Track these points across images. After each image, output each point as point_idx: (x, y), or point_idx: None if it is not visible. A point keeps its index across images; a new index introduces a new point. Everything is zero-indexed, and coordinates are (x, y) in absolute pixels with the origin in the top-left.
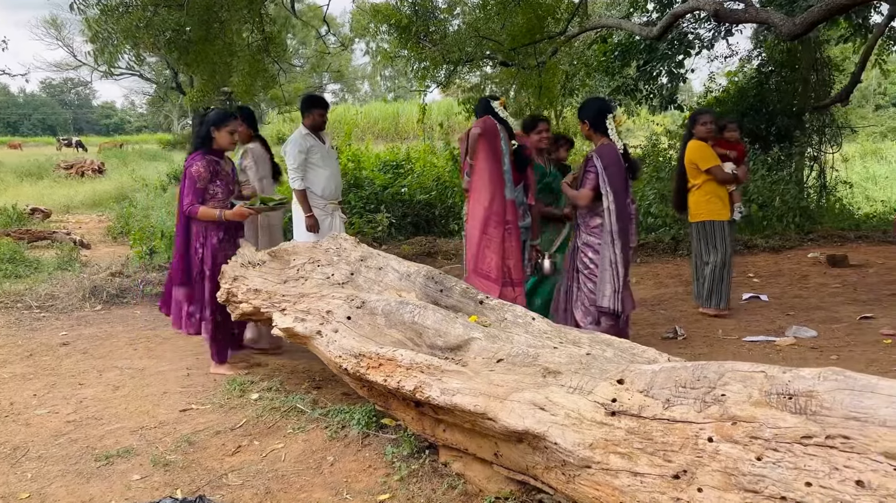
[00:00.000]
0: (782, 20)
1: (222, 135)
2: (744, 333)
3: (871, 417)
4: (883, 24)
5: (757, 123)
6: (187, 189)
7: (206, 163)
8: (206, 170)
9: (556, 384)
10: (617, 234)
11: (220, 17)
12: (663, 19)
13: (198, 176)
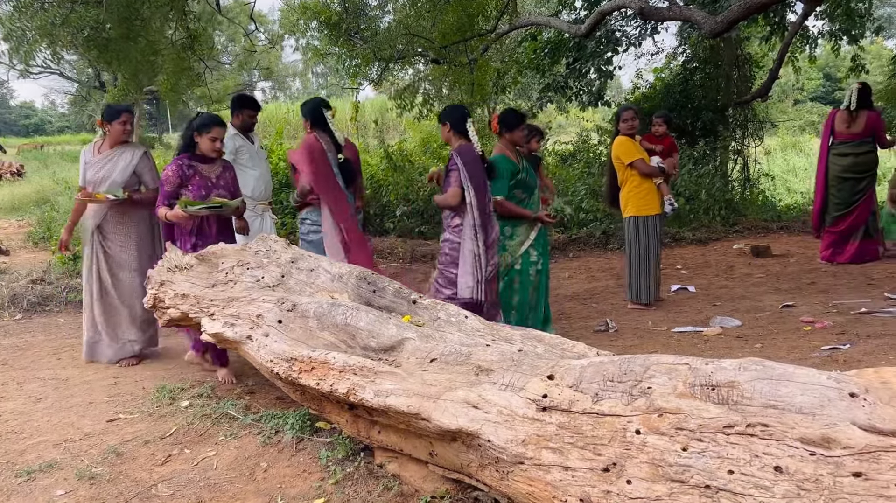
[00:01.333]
0: (704, 18)
1: (203, 140)
2: (672, 324)
3: (788, 405)
4: (797, 23)
5: (683, 119)
6: (160, 191)
7: (177, 167)
8: (175, 174)
9: (488, 382)
10: (479, 228)
11: (141, 14)
12: (591, 17)
13: (165, 179)
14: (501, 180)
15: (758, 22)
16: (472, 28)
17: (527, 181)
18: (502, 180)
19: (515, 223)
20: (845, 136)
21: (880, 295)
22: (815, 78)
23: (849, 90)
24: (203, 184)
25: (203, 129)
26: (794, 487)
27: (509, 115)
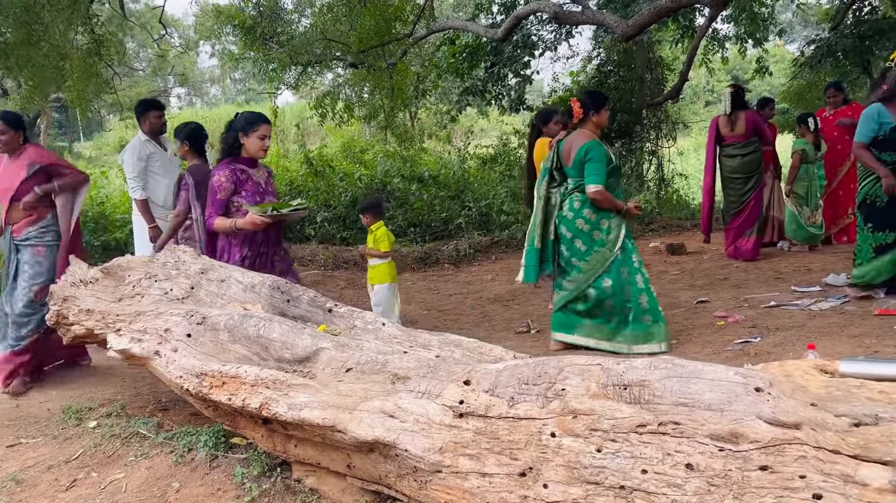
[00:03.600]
0: (617, 22)
1: (251, 141)
2: None
3: (698, 402)
4: (704, 26)
5: None
6: (209, 201)
7: (231, 172)
8: (228, 179)
9: (405, 390)
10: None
11: (42, 19)
12: (507, 21)
13: (218, 186)
14: (599, 167)
15: (668, 26)
16: (389, 32)
17: (618, 168)
18: (600, 167)
19: (611, 216)
20: (731, 138)
21: (787, 288)
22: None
23: (724, 95)
24: (255, 189)
25: (249, 128)
26: (705, 484)
27: (594, 95)
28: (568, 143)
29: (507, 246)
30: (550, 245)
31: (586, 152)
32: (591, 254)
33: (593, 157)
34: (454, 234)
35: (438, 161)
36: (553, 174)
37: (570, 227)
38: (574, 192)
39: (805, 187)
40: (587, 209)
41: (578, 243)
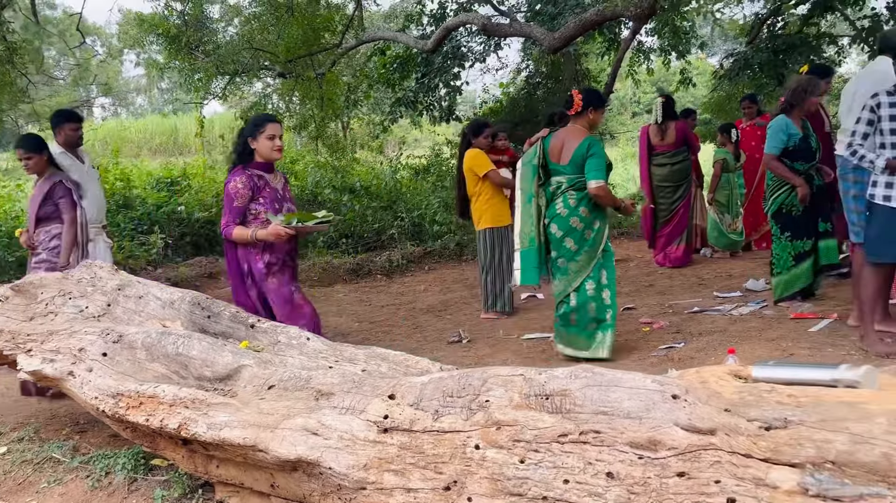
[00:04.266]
0: (543, 34)
1: (261, 142)
2: (523, 332)
3: (617, 410)
4: (628, 39)
5: (529, 132)
6: (224, 208)
7: (248, 178)
8: (245, 186)
9: (328, 406)
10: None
11: None
12: (436, 33)
13: (235, 193)
14: (602, 163)
15: (594, 38)
16: (317, 42)
17: (611, 166)
18: (602, 163)
19: (602, 216)
20: (661, 147)
21: (710, 294)
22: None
23: (655, 105)
24: (273, 196)
25: (256, 131)
26: (625, 492)
27: (596, 93)
28: (559, 139)
29: (440, 256)
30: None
31: (588, 147)
32: (580, 255)
33: (596, 153)
34: (387, 244)
35: (370, 172)
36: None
37: (563, 226)
38: (569, 190)
39: (726, 195)
40: (583, 207)
41: (569, 242)
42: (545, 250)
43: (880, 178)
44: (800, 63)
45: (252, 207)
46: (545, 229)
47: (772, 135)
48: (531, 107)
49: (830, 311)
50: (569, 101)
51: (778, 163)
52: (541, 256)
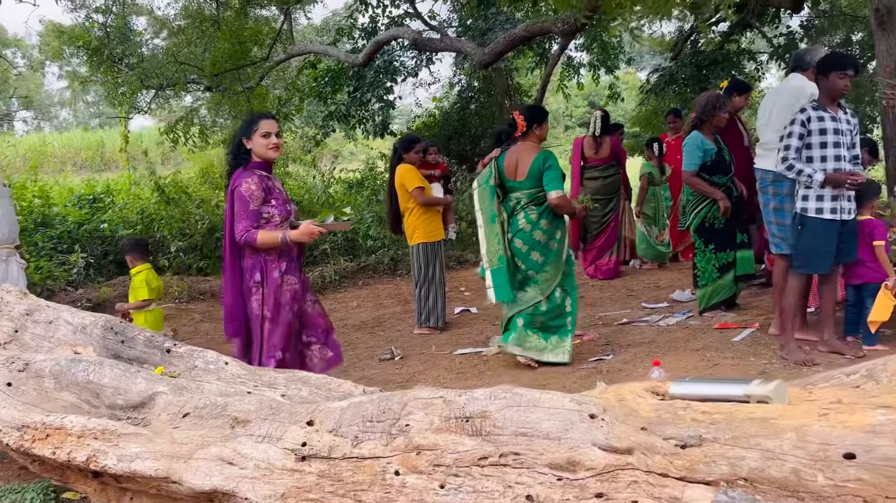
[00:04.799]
0: (474, 49)
1: (257, 142)
2: (455, 347)
3: (537, 431)
4: (556, 55)
5: (462, 146)
6: (239, 213)
7: (259, 178)
8: (258, 187)
9: (244, 434)
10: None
11: None
12: (367, 46)
13: (250, 195)
14: (558, 173)
15: (525, 54)
16: (245, 56)
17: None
18: (559, 173)
19: (562, 226)
20: (594, 160)
21: (639, 305)
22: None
23: (593, 118)
24: (282, 196)
25: (249, 130)
26: None
27: (536, 109)
28: (512, 156)
29: (374, 271)
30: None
31: (544, 160)
32: (548, 266)
33: (553, 165)
34: (319, 260)
35: (303, 186)
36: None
37: (528, 240)
38: (529, 205)
39: (653, 208)
40: (544, 220)
41: (535, 255)
42: (513, 265)
43: (811, 191)
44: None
45: (265, 210)
46: (510, 244)
47: (688, 152)
48: (464, 121)
49: (752, 321)
50: (513, 124)
51: (697, 179)
52: (511, 272)
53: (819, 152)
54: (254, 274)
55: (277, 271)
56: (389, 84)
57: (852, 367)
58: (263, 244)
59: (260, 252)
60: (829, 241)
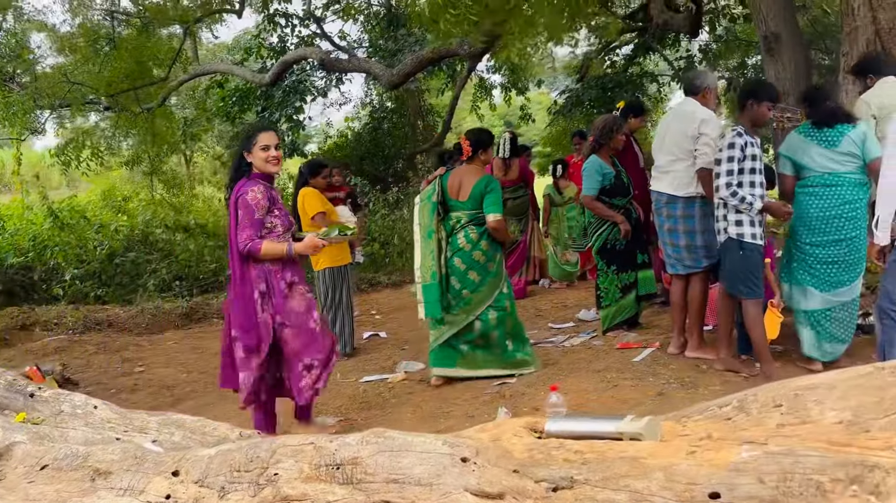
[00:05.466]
0: (382, 71)
1: (256, 154)
2: (361, 374)
3: (409, 477)
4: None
5: (375, 166)
6: (243, 221)
7: (264, 188)
8: (263, 196)
9: (105, 487)
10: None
11: None
12: (274, 66)
13: (256, 204)
14: (499, 198)
15: (437, 75)
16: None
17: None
18: (500, 198)
19: (500, 248)
20: (504, 182)
21: (546, 325)
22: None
23: (501, 140)
24: (282, 208)
25: (249, 144)
26: None
27: (482, 134)
28: (456, 177)
29: None
30: (444, 278)
31: (486, 184)
32: (483, 286)
33: (494, 189)
34: (225, 285)
35: (209, 208)
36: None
37: (466, 259)
38: (469, 225)
39: (556, 228)
40: (484, 240)
41: (472, 275)
42: (446, 282)
43: (746, 217)
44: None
45: (268, 220)
46: (447, 262)
47: (587, 176)
48: (377, 141)
49: (653, 341)
50: (459, 149)
51: (597, 202)
52: (442, 289)
53: (749, 178)
54: (259, 284)
55: (283, 282)
56: (299, 104)
57: (725, 399)
58: (267, 254)
59: (264, 262)
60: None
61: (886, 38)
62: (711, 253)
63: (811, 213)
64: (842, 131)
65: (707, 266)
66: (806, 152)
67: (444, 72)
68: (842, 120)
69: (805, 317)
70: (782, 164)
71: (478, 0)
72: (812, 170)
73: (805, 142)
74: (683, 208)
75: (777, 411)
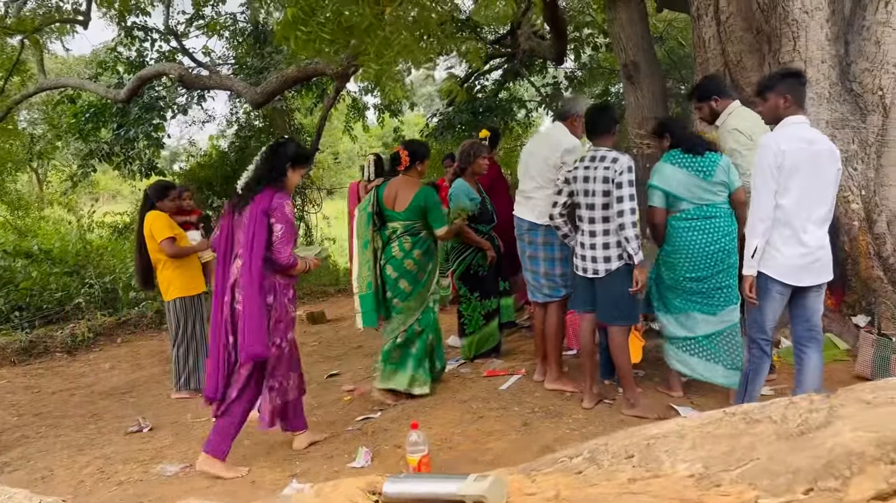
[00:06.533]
0: (245, 89)
1: (296, 176)
2: None
3: None
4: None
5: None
6: (287, 234)
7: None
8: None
9: None
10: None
11: None
12: (130, 82)
13: (293, 216)
14: (441, 210)
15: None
16: None
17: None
18: (441, 210)
19: (434, 259)
20: None
21: None
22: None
23: (366, 163)
24: None
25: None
26: None
27: (422, 145)
28: (393, 188)
29: (137, 326)
30: (380, 288)
31: (425, 198)
32: (414, 295)
33: (435, 203)
34: (72, 315)
35: (57, 232)
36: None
37: (398, 267)
38: (404, 235)
39: None
40: (417, 250)
41: (403, 283)
42: (382, 292)
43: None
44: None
45: None
46: (381, 271)
47: (455, 199)
48: (244, 161)
49: (519, 367)
50: (396, 159)
51: (466, 228)
52: (378, 299)
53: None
54: (267, 296)
55: (292, 292)
56: (157, 121)
57: (577, 449)
58: (296, 270)
59: (275, 275)
60: None
61: (734, 69)
62: (569, 282)
63: (696, 248)
64: (714, 160)
65: (565, 295)
66: (682, 183)
67: (313, 91)
68: (709, 148)
69: (686, 343)
70: (654, 196)
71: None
72: (689, 201)
73: (680, 172)
74: (544, 235)
75: (629, 463)
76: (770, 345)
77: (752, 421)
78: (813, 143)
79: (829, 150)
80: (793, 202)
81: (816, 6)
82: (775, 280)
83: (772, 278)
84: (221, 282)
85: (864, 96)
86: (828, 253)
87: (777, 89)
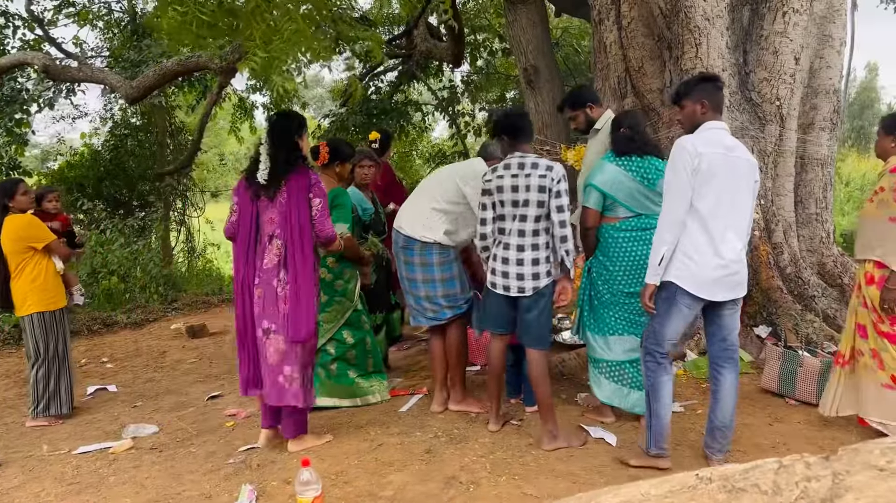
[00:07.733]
0: (119, 82)
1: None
2: (78, 442)
3: None
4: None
5: (117, 188)
6: (327, 209)
7: None
8: None
9: None
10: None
11: None
12: None
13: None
14: (347, 214)
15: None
16: None
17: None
18: (348, 214)
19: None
20: None
21: None
22: None
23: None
24: None
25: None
26: None
27: (346, 146)
28: None
29: None
30: None
31: (335, 198)
32: (332, 306)
33: (342, 203)
34: None
35: None
36: None
37: None
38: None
39: None
40: (331, 258)
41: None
42: None
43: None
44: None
45: None
46: None
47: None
48: (119, 160)
49: (420, 387)
50: (315, 153)
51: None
52: None
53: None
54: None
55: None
56: (20, 116)
57: None
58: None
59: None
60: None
61: (636, 75)
62: (458, 300)
63: (637, 260)
64: (659, 167)
65: (452, 317)
66: (625, 188)
67: (196, 88)
68: (653, 152)
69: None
70: (590, 197)
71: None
72: (633, 210)
73: (627, 177)
74: (420, 254)
75: None
76: (666, 358)
77: (735, 489)
78: (732, 150)
79: (747, 161)
80: (709, 208)
81: (717, 14)
82: (686, 292)
83: (682, 289)
84: (249, 270)
85: (762, 106)
86: (744, 267)
87: (694, 95)
